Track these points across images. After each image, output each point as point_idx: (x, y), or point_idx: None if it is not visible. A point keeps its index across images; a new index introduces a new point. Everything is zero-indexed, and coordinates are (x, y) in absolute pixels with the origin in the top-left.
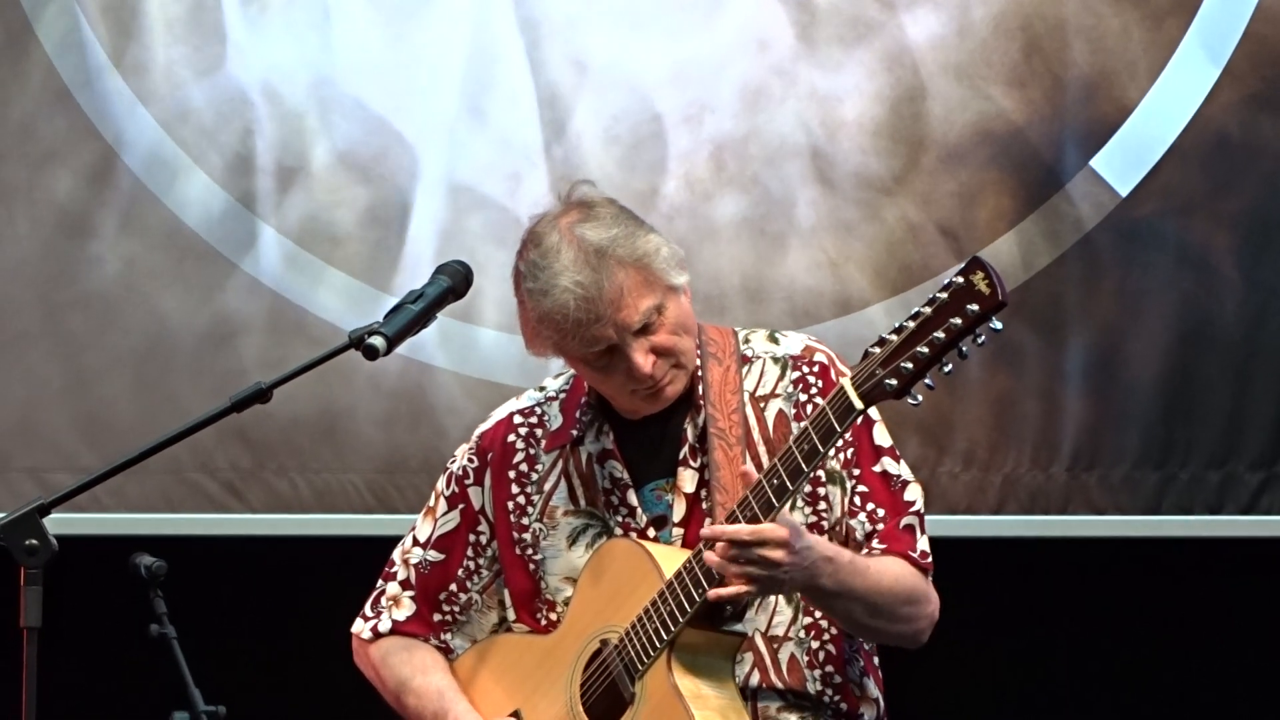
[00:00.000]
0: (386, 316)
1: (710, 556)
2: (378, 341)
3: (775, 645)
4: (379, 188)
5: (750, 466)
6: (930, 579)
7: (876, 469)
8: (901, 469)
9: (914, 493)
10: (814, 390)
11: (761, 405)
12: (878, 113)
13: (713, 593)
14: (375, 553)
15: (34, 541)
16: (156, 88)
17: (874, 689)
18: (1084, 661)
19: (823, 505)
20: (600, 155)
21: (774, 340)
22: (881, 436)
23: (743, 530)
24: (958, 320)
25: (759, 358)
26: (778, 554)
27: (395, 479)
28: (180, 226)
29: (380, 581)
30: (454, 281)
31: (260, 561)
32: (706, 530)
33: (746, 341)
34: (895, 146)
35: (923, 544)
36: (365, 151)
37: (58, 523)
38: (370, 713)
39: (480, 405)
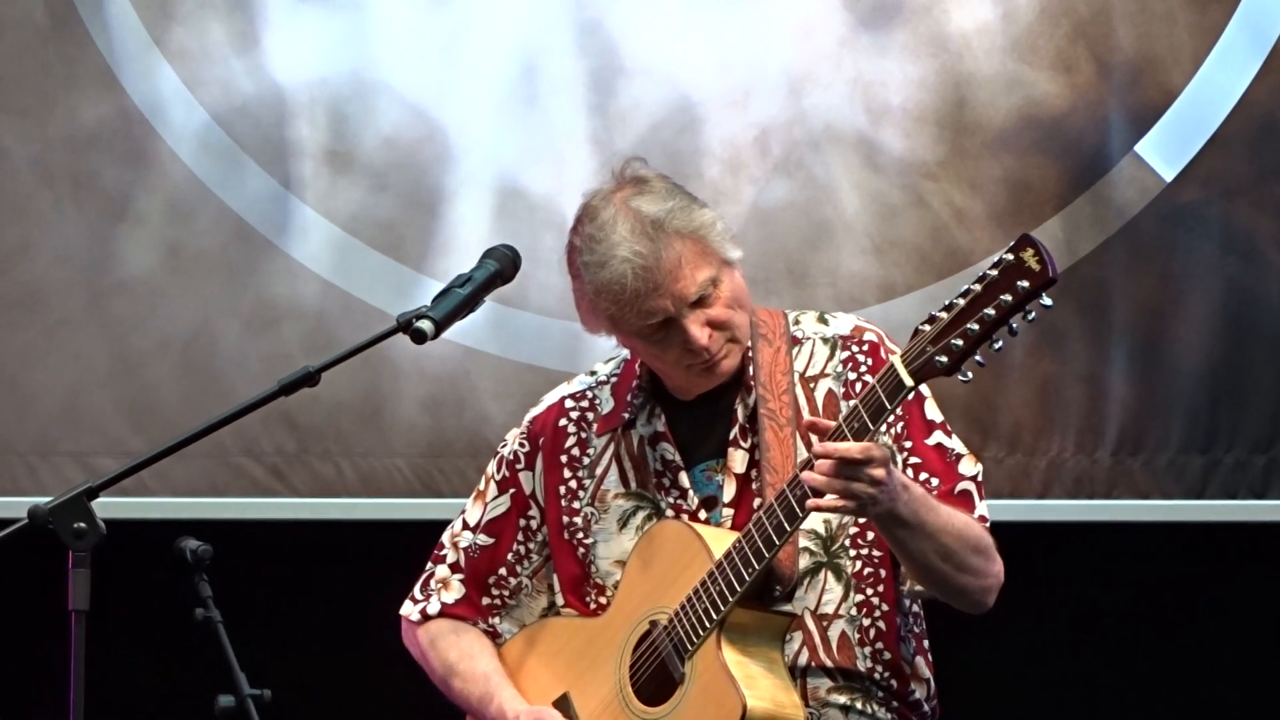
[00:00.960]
0: (434, 300)
1: (811, 476)
2: (426, 325)
3: (825, 623)
4: (423, 172)
5: (817, 417)
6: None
7: (930, 441)
8: (955, 443)
9: (969, 465)
10: (863, 369)
11: (811, 385)
12: (923, 98)
13: (811, 502)
14: (420, 537)
15: (82, 525)
16: (202, 73)
17: (925, 669)
18: (1128, 646)
19: None
20: (645, 140)
21: (824, 321)
22: (933, 412)
23: (854, 448)
24: (1008, 297)
25: (809, 339)
26: (880, 472)
27: (439, 463)
28: (225, 211)
29: (429, 564)
30: (502, 266)
31: (305, 545)
32: (818, 447)
33: (796, 323)
34: (940, 131)
35: (981, 509)
36: (409, 136)
37: (103, 507)
38: (415, 697)
39: (524, 390)
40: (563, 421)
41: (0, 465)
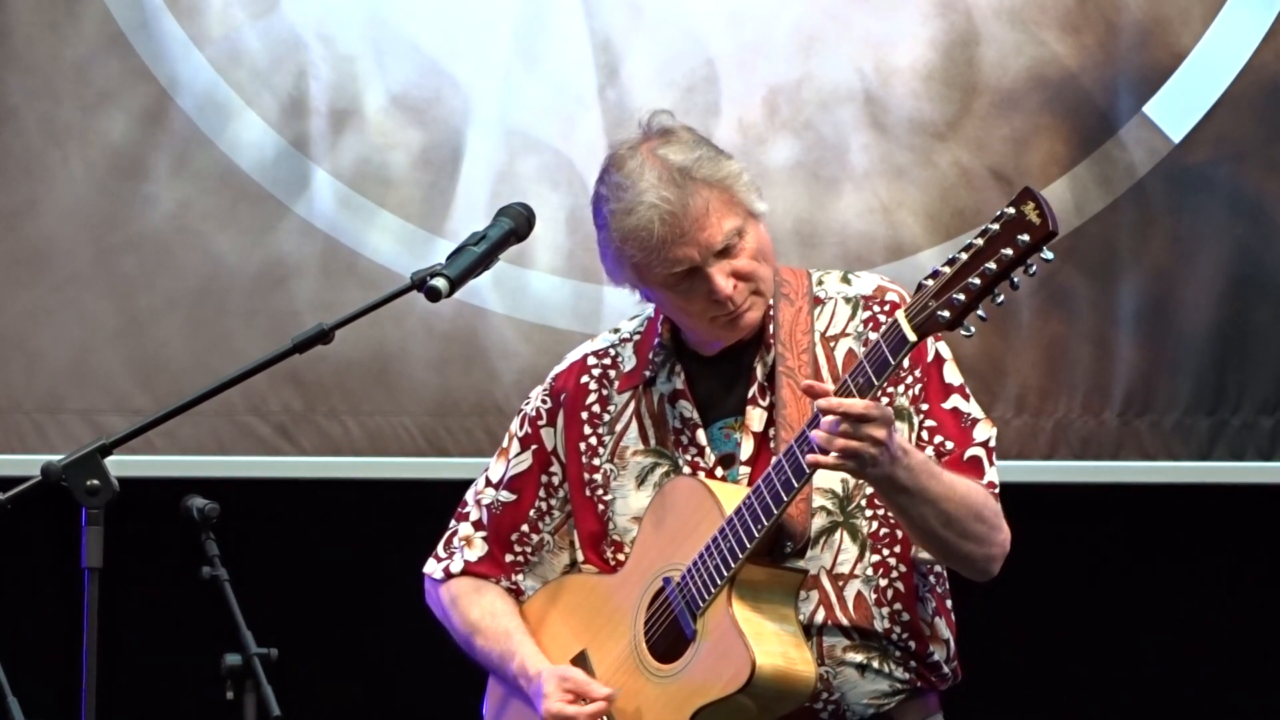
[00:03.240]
0: (449, 258)
1: (815, 432)
2: (440, 283)
3: (841, 583)
4: (432, 130)
5: (815, 381)
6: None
7: (946, 405)
8: (972, 407)
9: (984, 431)
10: (883, 329)
11: (832, 345)
12: (931, 57)
13: (811, 458)
14: (426, 496)
15: (95, 482)
16: (210, 30)
17: (945, 629)
18: (1135, 607)
19: None
20: (653, 99)
21: (846, 281)
22: (952, 375)
23: (858, 404)
24: (1009, 250)
25: (831, 298)
26: (881, 433)
27: (447, 422)
28: (233, 169)
29: (453, 522)
30: (516, 224)
31: (311, 504)
32: (823, 401)
33: (820, 283)
34: (948, 91)
35: (990, 475)
36: (419, 94)
37: (109, 464)
38: (421, 654)
39: (532, 349)
40: (585, 378)
41: (8, 423)
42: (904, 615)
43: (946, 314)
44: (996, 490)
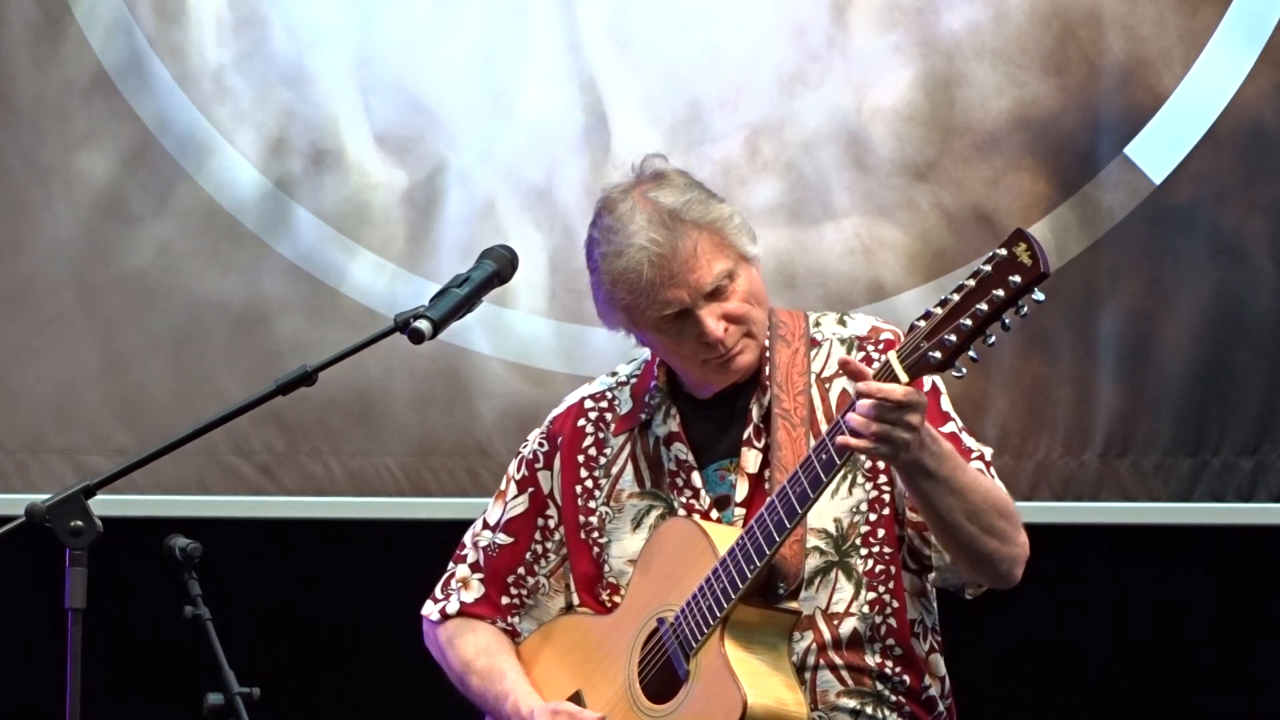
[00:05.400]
0: (432, 300)
1: (851, 416)
2: (424, 325)
3: (836, 622)
4: (415, 170)
5: (852, 358)
6: None
7: (944, 429)
8: (969, 439)
9: (982, 450)
10: (877, 366)
11: (826, 386)
12: (913, 98)
13: (840, 439)
14: (408, 535)
15: (79, 523)
16: (193, 69)
17: (941, 666)
18: (1115, 648)
19: (883, 479)
20: (636, 139)
21: (842, 323)
22: (948, 405)
23: (897, 390)
24: (1000, 292)
25: (827, 339)
26: (916, 419)
27: (429, 461)
28: (216, 208)
29: (451, 564)
30: (499, 266)
31: (294, 544)
32: (863, 385)
33: (817, 325)
34: (930, 133)
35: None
36: (402, 134)
37: (92, 504)
38: (403, 692)
39: (514, 389)
40: (581, 422)
41: None
42: (897, 650)
43: (938, 355)
44: None
